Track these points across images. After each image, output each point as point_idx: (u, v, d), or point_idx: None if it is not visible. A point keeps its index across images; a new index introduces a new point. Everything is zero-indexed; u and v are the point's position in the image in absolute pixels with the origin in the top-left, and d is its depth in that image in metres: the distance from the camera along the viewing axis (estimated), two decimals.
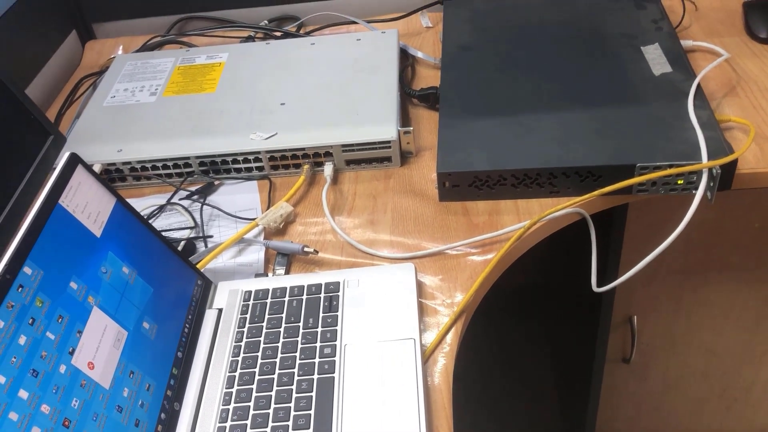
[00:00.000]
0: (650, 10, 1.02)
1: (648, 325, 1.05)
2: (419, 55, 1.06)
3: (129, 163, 0.90)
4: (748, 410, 1.17)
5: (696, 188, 0.77)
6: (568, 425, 1.39)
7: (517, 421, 1.46)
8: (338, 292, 0.71)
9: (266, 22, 1.20)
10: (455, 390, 0.65)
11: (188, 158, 0.89)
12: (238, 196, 0.88)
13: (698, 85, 0.86)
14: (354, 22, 1.16)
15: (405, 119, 0.96)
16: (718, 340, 1.07)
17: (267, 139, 0.89)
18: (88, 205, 0.63)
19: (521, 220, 0.78)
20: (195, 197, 0.87)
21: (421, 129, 0.94)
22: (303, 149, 0.87)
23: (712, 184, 0.76)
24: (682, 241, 0.93)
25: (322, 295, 0.71)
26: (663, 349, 1.09)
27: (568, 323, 1.33)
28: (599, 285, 0.79)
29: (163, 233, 0.82)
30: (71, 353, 0.55)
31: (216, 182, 0.89)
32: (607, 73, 0.90)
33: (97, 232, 0.63)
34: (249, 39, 1.15)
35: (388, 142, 0.87)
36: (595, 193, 0.78)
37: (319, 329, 0.68)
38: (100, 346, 0.58)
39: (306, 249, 0.75)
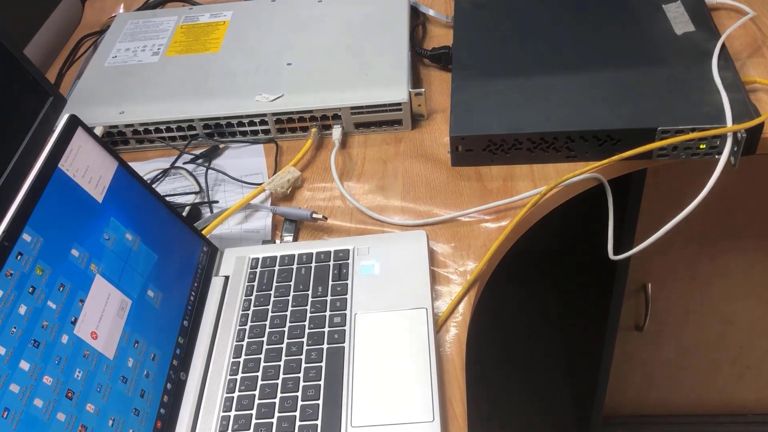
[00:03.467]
0: None
1: (663, 293, 1.03)
2: (431, 13, 1.02)
3: (131, 125, 0.87)
4: (761, 379, 1.16)
5: (719, 153, 0.74)
6: (578, 393, 1.38)
7: (527, 388, 1.45)
8: (348, 259, 0.69)
9: None
10: (467, 355, 0.63)
11: (192, 121, 0.86)
12: (244, 160, 0.85)
13: (723, 45, 0.82)
14: None
15: (416, 80, 0.93)
16: (733, 310, 1.05)
17: (273, 100, 0.86)
18: (89, 169, 0.61)
19: (537, 186, 0.75)
20: (199, 161, 0.85)
21: (432, 91, 0.91)
22: (311, 111, 0.85)
23: (736, 149, 0.74)
24: (701, 209, 0.89)
25: (332, 263, 0.69)
26: (677, 318, 1.07)
27: (581, 289, 1.31)
28: (615, 253, 0.76)
29: (167, 198, 0.79)
30: (73, 323, 0.53)
31: (221, 146, 0.87)
32: (627, 33, 0.87)
33: (99, 197, 0.60)
34: None
35: (399, 104, 0.83)
36: (614, 158, 0.75)
37: (329, 298, 0.66)
38: (103, 315, 0.56)
39: (315, 215, 0.73)
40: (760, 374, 1.15)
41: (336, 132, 0.84)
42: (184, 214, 0.77)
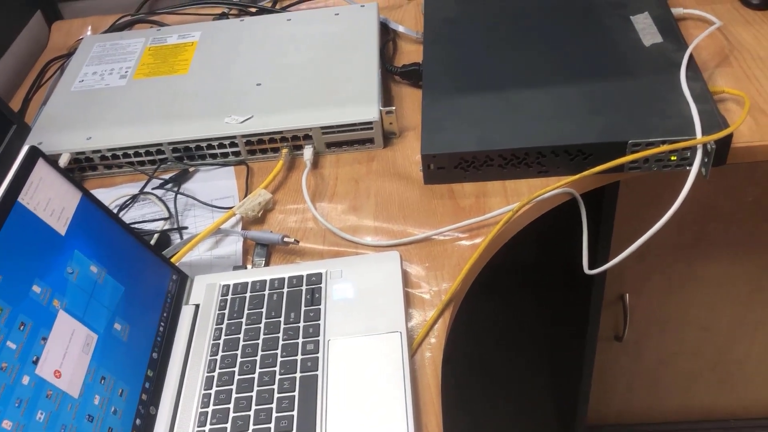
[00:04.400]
0: None
1: (641, 302, 1.03)
2: (400, 29, 1.02)
3: (99, 151, 0.86)
4: (741, 384, 1.16)
5: (690, 164, 0.74)
6: (561, 405, 1.38)
7: (510, 400, 1.45)
8: (320, 283, 0.68)
9: None
10: (445, 370, 0.62)
11: (161, 145, 0.85)
12: (215, 183, 0.84)
13: (690, 56, 0.83)
14: None
15: (387, 98, 0.92)
16: (711, 316, 1.05)
17: (243, 122, 0.85)
18: (51, 201, 0.59)
19: (509, 203, 0.75)
20: (169, 185, 0.83)
21: (404, 108, 0.91)
22: (281, 132, 0.84)
23: (706, 160, 0.74)
24: (676, 217, 0.89)
25: (304, 287, 0.68)
26: (656, 326, 1.07)
27: (560, 301, 1.31)
28: (591, 267, 0.76)
29: (136, 225, 0.78)
30: (35, 362, 0.52)
31: (191, 169, 0.85)
32: (596, 45, 0.87)
33: (62, 229, 0.59)
34: (222, 16, 1.10)
35: (370, 123, 0.83)
36: (586, 173, 0.75)
37: (301, 324, 0.65)
38: (67, 352, 0.55)
39: (286, 239, 0.72)
40: (740, 380, 1.15)
41: (307, 152, 0.84)
42: (153, 241, 0.75)
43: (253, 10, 1.11)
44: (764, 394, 1.18)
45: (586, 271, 0.75)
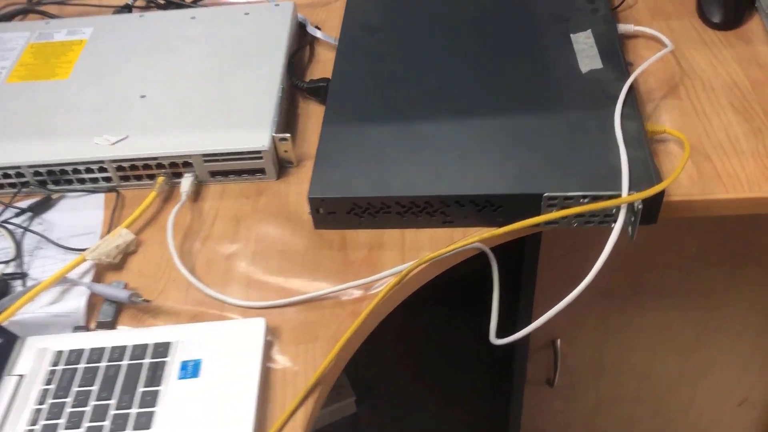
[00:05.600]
0: None
1: (574, 347, 0.94)
2: (318, 35, 0.90)
3: None
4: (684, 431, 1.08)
5: (615, 221, 0.64)
6: None
7: None
8: (167, 356, 0.58)
9: None
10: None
11: (20, 167, 0.73)
12: (79, 214, 0.73)
13: (631, 87, 0.72)
14: None
15: (292, 117, 0.81)
16: (651, 363, 0.96)
17: (115, 143, 0.73)
18: None
19: (405, 259, 0.65)
20: (27, 215, 0.72)
21: (309, 130, 0.79)
22: (156, 159, 0.73)
23: (633, 219, 0.63)
24: (608, 264, 0.80)
25: (147, 360, 0.58)
26: (591, 372, 0.98)
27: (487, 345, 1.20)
28: (502, 333, 0.66)
29: None
30: None
31: (54, 196, 0.74)
32: (527, 69, 0.76)
33: None
34: (125, 8, 0.98)
35: (259, 152, 0.72)
36: (495, 232, 0.64)
37: (134, 410, 0.54)
38: None
39: (134, 298, 0.62)
40: (683, 427, 1.07)
41: (185, 183, 0.72)
42: None
43: (162, 1, 0.99)
44: None
45: (493, 340, 0.65)
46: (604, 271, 0.81)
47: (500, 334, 0.65)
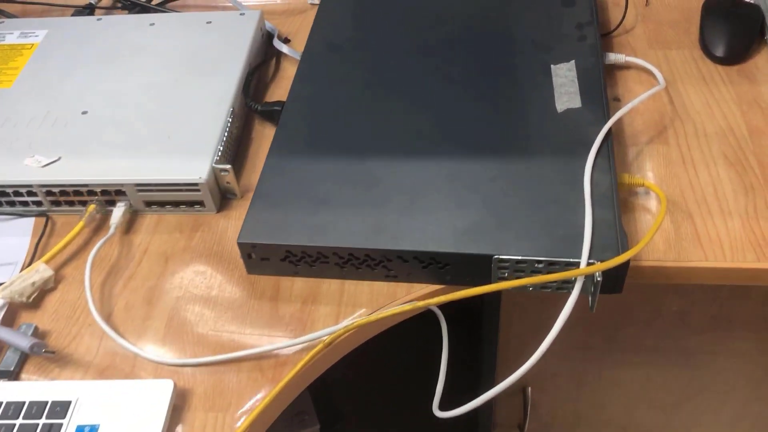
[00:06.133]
0: (579, 6, 0.79)
1: (546, 397, 0.87)
2: (284, 49, 0.83)
3: None
4: None
5: (573, 289, 0.57)
6: None
7: None
8: (64, 418, 0.52)
9: None
10: None
11: None
12: (4, 241, 0.68)
13: (609, 133, 0.64)
14: None
15: (244, 141, 0.75)
16: (630, 418, 0.89)
17: (45, 166, 0.68)
18: None
19: (341, 316, 0.59)
20: None
21: (260, 156, 0.73)
22: (87, 185, 0.67)
23: (593, 290, 0.56)
24: (581, 319, 0.73)
25: (42, 421, 0.52)
26: (565, 421, 0.91)
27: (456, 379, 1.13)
28: (446, 406, 0.59)
29: None
30: None
31: None
32: (497, 106, 0.68)
33: None
34: (87, 8, 0.92)
35: (196, 184, 0.66)
36: (429, 302, 0.58)
37: None
38: None
39: (36, 349, 0.56)
40: None
41: (116, 214, 0.67)
42: None
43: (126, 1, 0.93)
44: None
45: (436, 413, 0.59)
46: (576, 326, 0.75)
47: (455, 395, 0.59)
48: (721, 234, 0.61)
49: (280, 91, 0.80)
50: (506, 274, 0.58)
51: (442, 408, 0.59)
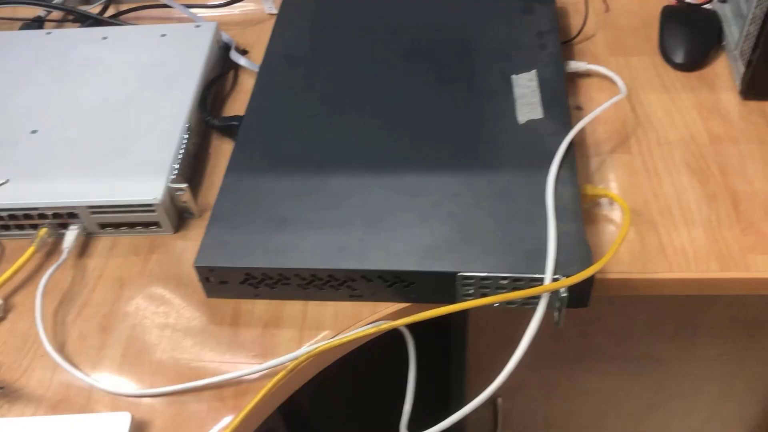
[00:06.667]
0: (539, 14, 0.78)
1: (516, 407, 0.86)
2: (242, 62, 0.81)
3: None
4: None
5: (538, 305, 0.56)
6: None
7: None
8: None
9: None
10: None
11: None
12: None
13: (571, 144, 0.64)
14: (169, 6, 0.90)
15: (201, 157, 0.73)
16: (600, 427, 0.89)
17: None
18: None
19: (303, 339, 0.57)
20: None
21: (218, 172, 0.71)
22: (37, 209, 0.65)
23: (559, 305, 0.56)
24: (550, 328, 0.73)
25: None
26: (536, 428, 0.91)
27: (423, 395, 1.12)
28: (415, 421, 0.58)
29: None
30: None
31: None
32: (458, 118, 0.67)
33: None
34: (36, 21, 0.89)
35: (151, 205, 0.64)
36: (401, 321, 0.56)
37: None
38: None
39: None
40: None
41: (69, 237, 0.64)
42: None
43: (73, 16, 0.90)
44: None
45: None
46: (545, 336, 0.74)
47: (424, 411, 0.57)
48: (686, 244, 0.61)
49: (238, 105, 0.78)
50: (471, 291, 0.57)
51: (410, 428, 0.58)
